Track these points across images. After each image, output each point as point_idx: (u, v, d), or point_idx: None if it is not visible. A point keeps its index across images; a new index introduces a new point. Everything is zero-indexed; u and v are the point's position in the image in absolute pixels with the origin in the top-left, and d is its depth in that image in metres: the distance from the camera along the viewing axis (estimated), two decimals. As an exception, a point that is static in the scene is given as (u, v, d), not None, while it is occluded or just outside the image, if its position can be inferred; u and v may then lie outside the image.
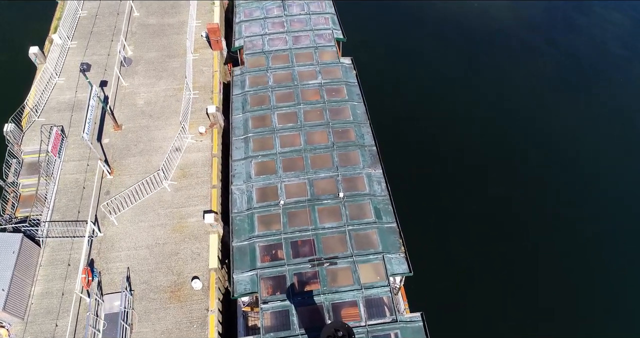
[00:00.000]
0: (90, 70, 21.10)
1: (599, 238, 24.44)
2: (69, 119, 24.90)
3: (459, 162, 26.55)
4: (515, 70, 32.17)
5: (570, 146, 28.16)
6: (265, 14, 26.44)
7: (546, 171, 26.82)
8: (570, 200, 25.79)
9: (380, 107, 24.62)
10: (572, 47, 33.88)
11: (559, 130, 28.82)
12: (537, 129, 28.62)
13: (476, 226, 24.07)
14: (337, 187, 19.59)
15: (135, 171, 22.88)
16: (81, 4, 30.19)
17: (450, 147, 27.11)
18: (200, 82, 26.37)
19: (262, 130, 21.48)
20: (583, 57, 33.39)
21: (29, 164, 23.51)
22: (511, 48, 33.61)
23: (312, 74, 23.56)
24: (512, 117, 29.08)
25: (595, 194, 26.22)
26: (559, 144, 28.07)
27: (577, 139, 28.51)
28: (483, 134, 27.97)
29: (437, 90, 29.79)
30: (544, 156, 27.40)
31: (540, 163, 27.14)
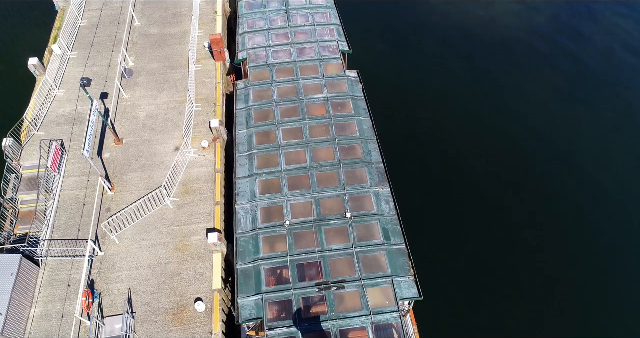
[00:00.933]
0: (90, 85, 20.56)
1: (613, 254, 23.95)
2: (69, 132, 24.39)
3: (470, 180, 25.85)
4: (523, 79, 31.67)
5: (581, 155, 27.67)
6: (270, 25, 25.91)
7: (560, 184, 26.24)
8: (584, 213, 25.29)
9: (386, 121, 24.16)
10: (580, 55, 33.39)
11: (570, 139, 28.35)
12: (548, 139, 28.12)
13: (488, 247, 23.41)
14: (344, 207, 19.08)
15: (136, 187, 22.38)
16: (81, 13, 29.69)
17: (460, 163, 26.44)
18: (203, 95, 25.86)
19: (266, 147, 20.96)
20: (591, 64, 32.89)
21: (28, 179, 22.99)
22: (519, 57, 33.11)
23: (318, 87, 23.05)
24: (523, 128, 28.52)
25: (605, 202, 25.73)
26: (570, 154, 27.57)
27: (586, 147, 28.02)
28: (494, 148, 27.27)
29: (444, 102, 29.23)
30: (559, 169, 26.87)
31: (554, 176, 26.57)
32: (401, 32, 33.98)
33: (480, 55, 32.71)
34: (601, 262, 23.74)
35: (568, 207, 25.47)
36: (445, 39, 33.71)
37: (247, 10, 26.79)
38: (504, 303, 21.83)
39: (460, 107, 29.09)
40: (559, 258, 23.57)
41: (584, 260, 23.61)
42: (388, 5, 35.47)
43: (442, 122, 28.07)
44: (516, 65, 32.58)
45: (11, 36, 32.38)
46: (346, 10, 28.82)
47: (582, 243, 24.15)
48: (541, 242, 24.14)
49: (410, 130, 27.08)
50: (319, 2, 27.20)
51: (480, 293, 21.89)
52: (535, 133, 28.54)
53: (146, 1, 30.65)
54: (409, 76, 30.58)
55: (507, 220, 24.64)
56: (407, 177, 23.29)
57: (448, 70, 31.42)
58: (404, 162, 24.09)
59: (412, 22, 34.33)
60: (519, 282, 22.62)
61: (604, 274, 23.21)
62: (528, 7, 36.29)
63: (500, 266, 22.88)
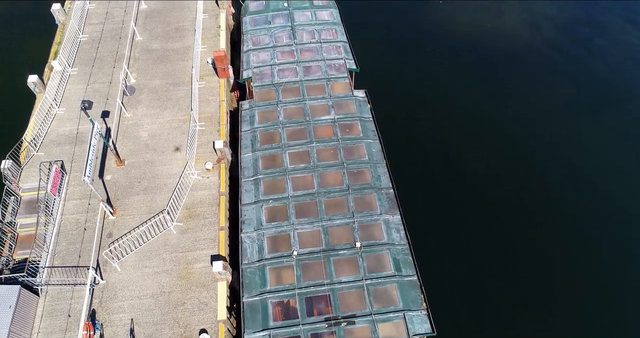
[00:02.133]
0: (91, 108, 19.96)
1: (620, 258, 23.52)
2: (69, 153, 23.80)
3: (485, 205, 24.83)
4: (533, 90, 31.01)
5: (591, 166, 27.10)
6: (275, 41, 25.32)
7: (577, 198, 25.58)
8: (598, 229, 24.64)
9: (394, 141, 23.46)
10: (589, 65, 32.76)
11: (578, 148, 27.76)
12: (561, 154, 27.49)
13: (506, 279, 22.41)
14: (353, 236, 18.51)
15: (139, 211, 21.79)
16: (82, 27, 29.10)
17: (473, 185, 25.48)
18: (207, 113, 25.26)
19: (272, 171, 20.38)
20: (601, 77, 32.25)
21: (27, 201, 22.40)
22: (528, 68, 32.47)
23: (325, 108, 22.47)
24: (536, 142, 27.80)
25: (613, 211, 25.19)
26: (582, 168, 26.99)
27: (594, 157, 27.46)
28: (514, 170, 26.38)
29: (454, 118, 28.44)
30: (575, 182, 26.20)
31: (568, 190, 25.91)
32: (406, 43, 33.36)
33: (489, 68, 32.08)
34: (611, 268, 23.23)
35: (590, 220, 24.80)
36: (452, 51, 33.09)
37: (251, 26, 26.20)
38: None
39: (471, 122, 28.26)
40: (590, 283, 22.84)
41: (607, 276, 23.03)
42: (393, 18, 34.87)
43: (453, 140, 27.21)
44: (525, 76, 31.98)
45: (10, 51, 31.75)
46: (351, 21, 28.18)
47: (602, 262, 23.53)
48: (563, 260, 23.28)
49: (419, 150, 26.27)
50: (325, 17, 26.60)
51: (498, 329, 21.12)
52: (548, 145, 27.86)
53: (148, 15, 30.04)
54: (415, 90, 29.89)
55: (527, 248, 23.57)
56: (418, 202, 22.61)
57: (456, 82, 30.75)
58: (414, 185, 23.35)
59: (418, 36, 33.68)
60: (540, 312, 21.80)
61: (619, 282, 22.67)
62: (536, 18, 35.70)
63: (520, 300, 21.87)
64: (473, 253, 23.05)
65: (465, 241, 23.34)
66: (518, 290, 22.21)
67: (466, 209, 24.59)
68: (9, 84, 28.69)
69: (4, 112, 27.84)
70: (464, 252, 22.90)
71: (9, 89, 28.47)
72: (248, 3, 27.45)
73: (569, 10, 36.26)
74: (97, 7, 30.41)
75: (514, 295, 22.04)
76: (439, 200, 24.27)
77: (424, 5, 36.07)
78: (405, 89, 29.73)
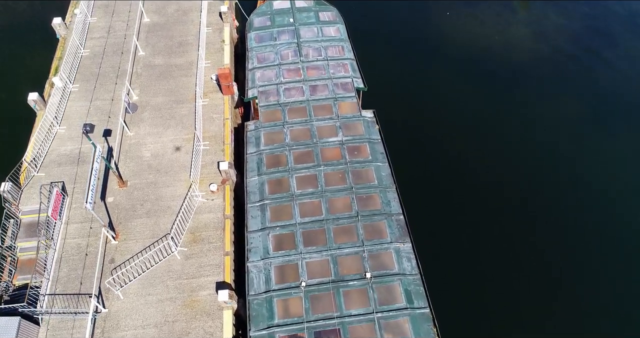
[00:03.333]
0: (93, 131, 19.43)
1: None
2: (71, 173, 23.26)
3: (499, 230, 23.85)
4: (542, 105, 30.39)
5: (601, 182, 26.54)
6: (280, 59, 24.76)
7: (590, 217, 25.15)
8: (610, 243, 24.11)
9: (403, 162, 22.86)
10: (600, 79, 32.16)
11: (591, 165, 27.19)
12: (573, 171, 26.93)
13: (521, 313, 21.51)
14: (363, 265, 17.98)
15: (142, 235, 21.27)
16: (83, 41, 28.56)
17: (486, 211, 24.51)
18: (211, 132, 24.73)
19: (279, 196, 19.84)
20: (611, 89, 31.64)
21: (27, 224, 21.89)
22: (537, 80, 31.84)
23: (332, 129, 21.93)
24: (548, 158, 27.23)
25: (629, 229, 24.64)
26: (592, 183, 26.47)
27: (607, 172, 26.91)
28: (524, 190, 25.68)
29: (465, 137, 27.52)
30: (587, 201, 25.76)
31: (581, 211, 25.41)
32: (413, 56, 32.74)
33: (498, 82, 31.46)
34: (617, 272, 22.83)
35: (601, 237, 24.29)
36: (459, 64, 32.45)
37: (256, 43, 25.65)
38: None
39: (481, 139, 27.50)
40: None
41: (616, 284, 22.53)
42: (399, 30, 34.29)
43: (464, 162, 26.21)
44: (533, 89, 31.39)
45: (10, 65, 31.16)
46: (356, 33, 27.61)
47: (614, 273, 23.06)
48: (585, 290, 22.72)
49: (428, 171, 25.48)
50: (332, 33, 26.04)
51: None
52: (559, 161, 27.27)
53: (151, 29, 29.50)
54: (422, 104, 29.15)
55: (549, 280, 22.67)
56: (429, 229, 22.01)
57: (465, 99, 30.10)
58: (425, 210, 22.71)
59: (425, 47, 33.05)
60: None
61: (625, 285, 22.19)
62: (544, 29, 35.11)
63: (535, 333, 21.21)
64: (488, 284, 22.16)
65: (479, 270, 22.50)
66: (541, 325, 21.40)
67: (480, 236, 23.74)
68: (9, 101, 28.11)
69: (4, 130, 27.27)
70: (478, 283, 22.05)
71: (9, 105, 27.88)
72: (253, 19, 26.91)
73: (577, 20, 35.69)
74: (98, 21, 29.88)
75: (535, 330, 21.28)
76: (450, 226, 23.49)
77: (431, 16, 35.47)
78: (412, 104, 29.11)
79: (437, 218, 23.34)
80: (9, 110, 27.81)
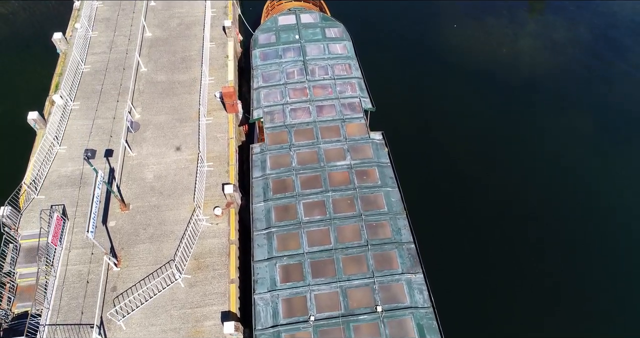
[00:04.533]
0: (94, 157, 18.84)
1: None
2: (71, 196, 22.68)
3: (517, 262, 23.00)
4: (555, 119, 29.81)
5: (613, 196, 26.11)
6: (286, 78, 24.16)
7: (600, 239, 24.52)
8: (619, 256, 23.66)
9: (413, 185, 22.27)
10: (609, 93, 31.55)
11: (604, 180, 26.70)
12: (586, 184, 26.49)
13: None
14: (373, 298, 17.39)
15: (144, 261, 20.69)
16: (84, 57, 27.98)
17: (503, 239, 23.68)
18: (215, 152, 24.16)
19: (286, 224, 19.26)
20: (621, 104, 31.05)
21: (27, 249, 21.33)
22: (545, 95, 31.26)
23: (340, 152, 21.35)
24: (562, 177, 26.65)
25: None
26: (601, 200, 25.96)
27: (622, 187, 26.44)
28: (539, 211, 25.07)
29: (475, 155, 26.92)
30: (600, 218, 25.22)
31: (598, 226, 24.87)
32: (420, 70, 32.18)
33: (506, 96, 30.82)
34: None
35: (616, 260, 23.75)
36: (466, 77, 31.87)
37: (261, 61, 25.04)
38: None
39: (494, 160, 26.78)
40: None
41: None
42: (405, 43, 33.72)
43: (473, 180, 25.64)
44: (542, 104, 30.80)
45: (9, 83, 30.55)
46: (361, 46, 27.03)
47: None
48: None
49: (437, 194, 24.80)
50: (339, 50, 25.45)
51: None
52: (570, 178, 26.75)
53: (153, 44, 28.92)
54: (429, 122, 28.60)
55: (567, 306, 22.07)
56: (440, 258, 21.39)
57: (473, 113, 29.52)
58: (436, 238, 22.09)
59: (432, 60, 32.47)
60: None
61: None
62: (552, 42, 34.54)
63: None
64: (506, 318, 21.33)
65: (495, 303, 21.68)
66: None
67: (496, 264, 22.92)
68: (9, 119, 27.50)
69: (3, 150, 26.69)
70: (495, 316, 21.28)
71: (9, 124, 27.27)
72: (258, 35, 26.31)
73: (586, 33, 35.12)
74: (99, 35, 29.32)
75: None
76: (463, 255, 22.79)
77: (438, 29, 34.88)
78: (420, 121, 28.51)
79: (449, 246, 22.67)
80: (8, 128, 27.23)
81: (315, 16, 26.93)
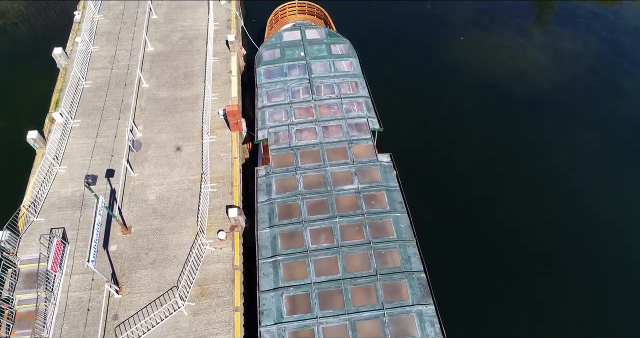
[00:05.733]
0: (95, 183, 18.29)
1: None
2: (72, 218, 22.15)
3: (532, 289, 22.46)
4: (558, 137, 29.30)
5: (617, 222, 25.59)
6: (291, 97, 23.61)
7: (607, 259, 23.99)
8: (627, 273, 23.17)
9: (421, 208, 21.67)
10: (617, 109, 31.01)
11: (608, 203, 26.18)
12: (596, 202, 26.07)
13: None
14: (384, 331, 16.86)
15: (146, 288, 20.16)
16: (84, 73, 27.45)
17: (517, 267, 23.01)
18: (219, 172, 23.63)
19: (293, 252, 18.72)
20: (630, 121, 30.48)
21: (26, 274, 20.79)
22: (552, 110, 30.73)
23: (347, 176, 20.80)
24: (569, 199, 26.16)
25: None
26: (610, 223, 25.47)
27: (622, 211, 25.96)
28: (552, 240, 24.49)
29: (483, 174, 26.42)
30: (609, 240, 24.78)
31: (613, 248, 24.42)
32: (426, 84, 31.65)
33: (512, 111, 30.33)
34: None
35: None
36: (473, 91, 31.42)
37: (266, 79, 24.49)
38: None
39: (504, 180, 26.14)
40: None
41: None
42: (411, 56, 33.19)
43: (482, 201, 25.13)
44: (547, 121, 30.25)
45: (8, 100, 29.97)
46: (367, 61, 26.51)
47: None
48: None
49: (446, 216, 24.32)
50: (345, 68, 24.90)
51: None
52: (577, 196, 26.25)
53: (155, 58, 28.38)
54: (437, 139, 28.07)
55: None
56: (452, 286, 20.82)
57: (481, 129, 28.98)
58: (446, 265, 21.50)
59: (439, 74, 31.95)
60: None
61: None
62: (560, 55, 34.04)
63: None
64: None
65: (507, 335, 20.97)
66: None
67: (510, 294, 22.20)
68: (8, 137, 26.93)
69: (2, 169, 26.13)
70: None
71: (8, 142, 26.69)
72: (262, 52, 25.75)
73: (595, 46, 34.59)
74: (100, 50, 28.78)
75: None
76: (475, 283, 22.18)
77: (446, 42, 34.30)
78: (426, 140, 27.94)
79: (460, 274, 22.09)
80: (7, 146, 26.67)
81: (320, 32, 26.39)
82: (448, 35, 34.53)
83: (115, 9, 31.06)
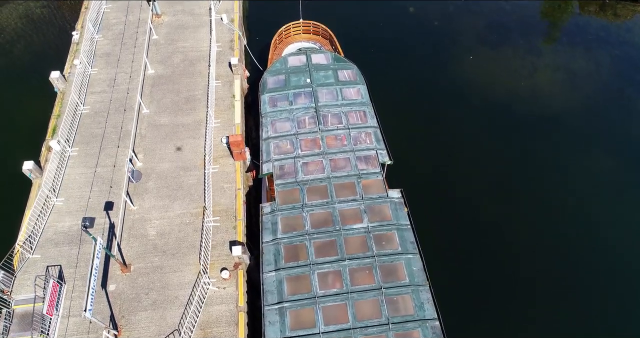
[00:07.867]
0: (93, 226, 17.42)
1: None
2: (69, 255, 21.29)
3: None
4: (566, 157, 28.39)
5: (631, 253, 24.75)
6: (297, 127, 22.72)
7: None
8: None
9: (432, 248, 20.73)
10: (631, 132, 30.06)
11: (621, 233, 25.31)
12: (602, 234, 25.19)
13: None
14: (395, 387, 15.98)
15: (147, 331, 19.31)
16: (83, 97, 26.57)
17: (535, 310, 22.10)
18: (222, 205, 22.77)
19: (300, 298, 17.85)
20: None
21: (21, 315, 19.95)
22: (564, 131, 29.80)
23: (357, 213, 19.92)
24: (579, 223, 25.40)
25: None
26: (624, 255, 24.63)
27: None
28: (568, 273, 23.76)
29: (497, 210, 25.16)
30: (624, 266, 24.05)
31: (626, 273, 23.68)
32: (434, 104, 30.74)
33: (526, 137, 29.30)
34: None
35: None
36: (483, 113, 30.49)
37: (270, 107, 23.58)
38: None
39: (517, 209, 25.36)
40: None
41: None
42: (419, 76, 32.27)
43: (493, 236, 24.31)
44: (560, 142, 29.36)
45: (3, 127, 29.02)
46: (374, 82, 25.67)
47: None
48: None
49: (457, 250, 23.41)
50: (353, 96, 24.01)
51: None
52: (589, 219, 25.48)
53: (155, 82, 27.49)
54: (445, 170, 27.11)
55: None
56: (467, 335, 19.93)
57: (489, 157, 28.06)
58: (460, 309, 20.58)
59: (447, 94, 31.00)
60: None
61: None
62: (572, 75, 33.09)
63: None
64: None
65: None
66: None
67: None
68: (3, 164, 25.96)
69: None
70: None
71: (3, 170, 25.72)
72: (266, 78, 24.83)
73: (607, 66, 33.65)
74: (99, 72, 27.90)
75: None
76: (490, 331, 21.25)
77: (455, 61, 33.33)
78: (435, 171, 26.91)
79: (475, 320, 21.13)
80: (2, 175, 25.73)
81: (327, 56, 25.48)
82: (456, 56, 33.56)
83: (114, 29, 30.17)
